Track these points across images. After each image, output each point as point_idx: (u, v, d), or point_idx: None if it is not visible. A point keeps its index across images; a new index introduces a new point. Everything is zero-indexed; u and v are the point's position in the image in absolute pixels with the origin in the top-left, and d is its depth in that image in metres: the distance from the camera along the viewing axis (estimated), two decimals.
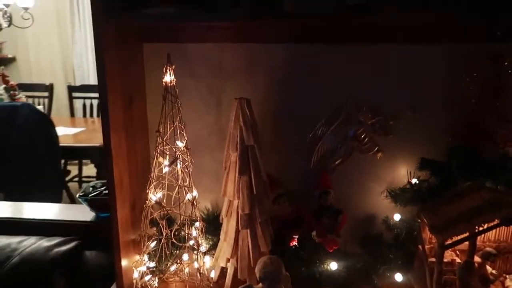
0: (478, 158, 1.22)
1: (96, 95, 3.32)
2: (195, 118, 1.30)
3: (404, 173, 1.29)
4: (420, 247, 1.18)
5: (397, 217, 1.28)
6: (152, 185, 1.07)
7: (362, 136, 1.28)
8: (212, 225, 1.29)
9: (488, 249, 1.14)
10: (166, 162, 1.04)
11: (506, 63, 1.15)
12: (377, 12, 0.99)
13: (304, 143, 1.29)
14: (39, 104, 4.10)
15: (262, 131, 1.18)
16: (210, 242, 1.29)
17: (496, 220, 1.02)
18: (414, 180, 1.27)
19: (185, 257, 1.19)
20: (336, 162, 1.32)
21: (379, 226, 1.32)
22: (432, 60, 1.21)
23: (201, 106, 1.30)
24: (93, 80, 5.07)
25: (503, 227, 1.18)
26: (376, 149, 1.28)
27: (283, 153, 1.32)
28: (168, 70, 1.00)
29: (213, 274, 1.20)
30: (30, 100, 3.93)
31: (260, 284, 0.98)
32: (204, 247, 1.24)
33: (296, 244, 1.25)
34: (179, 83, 1.10)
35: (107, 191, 1.43)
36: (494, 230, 1.20)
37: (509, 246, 1.21)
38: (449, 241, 1.05)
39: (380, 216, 1.32)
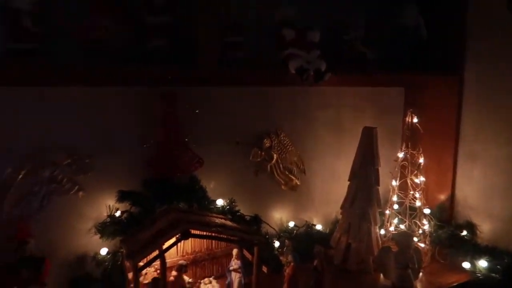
0: (170, 184, 1.40)
1: None
2: None
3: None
4: (127, 276, 1.26)
5: (104, 251, 1.32)
6: None
7: (59, 177, 1.27)
8: None
9: (180, 262, 1.31)
10: None
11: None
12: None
13: None
14: None
15: None
16: None
17: (177, 236, 1.19)
18: (117, 213, 1.34)
19: None
20: (36, 207, 1.27)
21: (90, 264, 1.33)
22: (119, 100, 1.34)
23: None
24: None
25: (199, 239, 1.40)
26: (76, 188, 1.30)
27: None
28: None
29: None
30: None
31: None
32: None
33: None
34: None
35: None
36: (190, 243, 1.40)
37: (204, 255, 1.43)
38: (142, 263, 1.16)
39: (89, 255, 1.34)
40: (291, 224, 1.70)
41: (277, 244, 1.55)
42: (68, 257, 1.32)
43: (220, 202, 1.48)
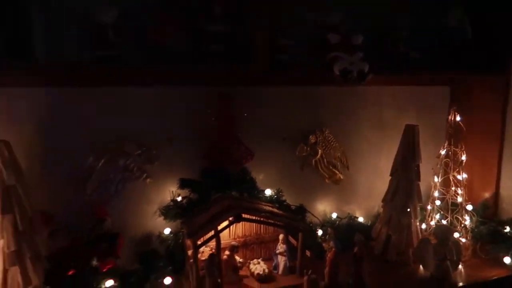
0: (224, 175, 1.56)
1: None
2: None
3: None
4: (186, 252, 1.44)
5: (167, 231, 1.52)
6: None
7: (131, 166, 1.48)
8: None
9: (232, 243, 1.47)
10: None
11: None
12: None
13: (76, 179, 1.40)
14: None
15: (29, 171, 1.25)
16: None
17: (230, 218, 1.35)
18: (178, 198, 1.53)
19: None
20: (113, 191, 1.48)
21: (154, 242, 1.52)
22: (182, 99, 1.52)
23: None
24: None
25: (249, 223, 1.55)
26: (144, 175, 1.50)
27: (57, 190, 1.40)
28: None
29: None
30: None
31: None
32: None
33: (74, 272, 1.33)
34: None
35: None
36: (241, 227, 1.55)
37: (253, 239, 1.58)
38: (200, 242, 1.33)
39: (154, 234, 1.53)
40: (334, 215, 1.81)
41: (320, 232, 1.67)
42: (137, 235, 1.53)
43: (268, 192, 1.63)
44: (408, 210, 1.60)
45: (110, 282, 1.31)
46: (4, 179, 1.13)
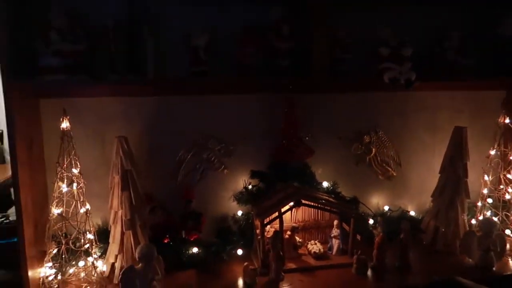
0: (288, 168, 1.84)
1: None
2: (85, 155, 1.68)
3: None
4: (255, 230, 1.74)
5: (239, 213, 1.84)
6: (54, 202, 1.43)
7: (212, 159, 1.82)
8: (103, 236, 1.66)
9: (293, 224, 1.75)
10: (65, 185, 1.42)
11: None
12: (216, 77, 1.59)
13: (171, 167, 1.78)
14: None
15: (139, 160, 1.63)
16: (101, 250, 1.66)
17: (291, 203, 1.63)
18: (250, 186, 1.84)
19: (81, 262, 1.54)
20: (198, 179, 1.84)
21: (229, 221, 1.85)
22: (255, 105, 1.83)
23: (89, 145, 1.70)
24: None
25: (308, 210, 1.81)
26: (222, 167, 1.83)
27: (157, 176, 1.78)
28: (64, 119, 1.41)
29: (105, 269, 1.58)
30: None
31: (140, 264, 1.41)
32: (96, 253, 1.61)
33: (169, 241, 1.70)
34: (71, 128, 1.49)
35: (7, 220, 1.72)
36: (301, 213, 1.82)
37: (311, 224, 1.84)
38: (266, 221, 1.62)
39: (229, 215, 1.86)
40: (386, 208, 2.00)
41: (371, 221, 1.88)
42: (216, 215, 1.86)
43: (325, 184, 1.88)
44: (456, 204, 1.75)
45: (195, 249, 1.65)
46: (123, 165, 1.52)
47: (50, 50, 1.41)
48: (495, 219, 1.83)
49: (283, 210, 1.62)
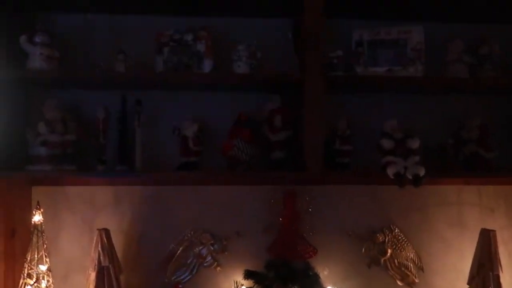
0: (288, 268, 1.64)
1: None
2: (72, 244, 1.62)
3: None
4: None
5: None
6: None
7: (204, 254, 1.68)
8: None
9: None
10: (31, 282, 1.33)
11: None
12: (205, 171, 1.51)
13: (160, 261, 1.65)
14: None
15: (126, 252, 1.53)
16: None
17: None
18: None
19: None
20: (188, 276, 1.68)
21: None
22: (250, 196, 1.71)
23: (77, 234, 1.64)
24: None
25: None
26: (215, 264, 1.68)
27: (144, 270, 1.65)
28: (36, 212, 1.37)
29: None
30: None
31: None
32: None
33: None
34: (61, 216, 1.46)
35: None
36: None
37: None
38: None
39: None
40: None
41: None
42: None
43: None
44: None
45: None
46: (100, 261, 1.43)
47: (38, 140, 1.43)
48: None
49: None
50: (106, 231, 1.47)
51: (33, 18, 1.60)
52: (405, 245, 1.75)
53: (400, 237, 1.75)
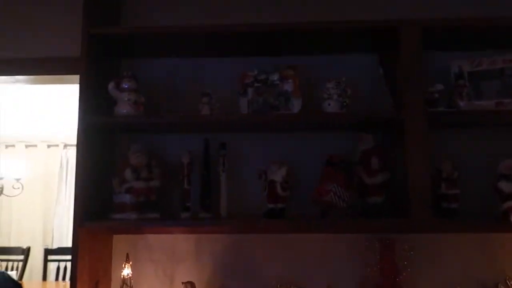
0: None
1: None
2: None
3: None
4: None
5: None
6: None
7: None
8: None
9: None
10: None
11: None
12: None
13: None
14: (12, 269, 4.15)
15: None
16: None
17: None
18: None
19: None
20: None
21: None
22: (342, 246, 1.55)
23: (157, 285, 1.55)
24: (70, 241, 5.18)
25: None
26: None
27: None
28: (125, 265, 1.30)
29: None
30: (4, 263, 4.03)
31: None
32: None
33: None
34: (141, 266, 1.38)
35: None
36: None
37: None
38: None
39: None
40: None
41: None
42: None
43: None
44: None
45: None
46: None
47: (124, 187, 1.39)
48: None
49: None
50: (192, 285, 1.37)
51: (118, 64, 1.62)
52: None
53: None
